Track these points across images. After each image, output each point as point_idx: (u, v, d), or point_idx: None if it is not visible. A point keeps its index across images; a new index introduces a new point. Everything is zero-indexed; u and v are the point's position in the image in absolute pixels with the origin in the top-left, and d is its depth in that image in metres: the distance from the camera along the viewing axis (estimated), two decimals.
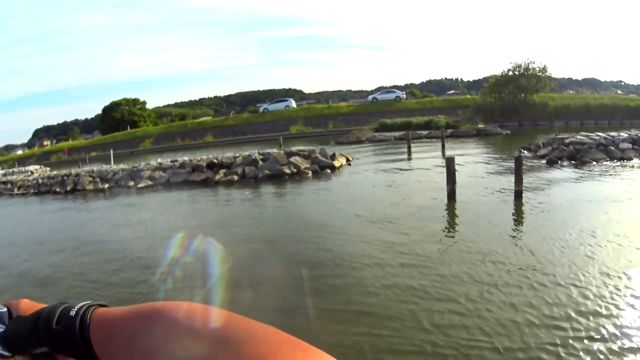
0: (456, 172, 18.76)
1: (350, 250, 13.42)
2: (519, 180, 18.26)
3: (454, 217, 16.75)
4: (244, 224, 18.31)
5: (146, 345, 0.86)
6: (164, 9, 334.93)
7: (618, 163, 26.28)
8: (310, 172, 28.77)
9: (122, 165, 35.65)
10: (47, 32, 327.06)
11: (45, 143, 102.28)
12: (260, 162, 29.65)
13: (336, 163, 30.65)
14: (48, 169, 50.34)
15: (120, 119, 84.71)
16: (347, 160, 33.83)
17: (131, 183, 31.01)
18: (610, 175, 23.33)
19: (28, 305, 1.07)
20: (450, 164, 18.47)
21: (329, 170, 29.38)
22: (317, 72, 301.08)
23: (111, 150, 45.57)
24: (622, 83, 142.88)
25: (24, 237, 19.29)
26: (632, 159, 26.93)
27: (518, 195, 18.21)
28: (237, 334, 0.77)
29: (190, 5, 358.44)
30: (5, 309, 1.06)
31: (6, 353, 1.01)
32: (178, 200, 25.31)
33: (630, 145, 28.41)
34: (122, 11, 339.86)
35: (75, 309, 0.98)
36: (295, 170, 28.62)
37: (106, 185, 31.91)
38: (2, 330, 1.03)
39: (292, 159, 29.44)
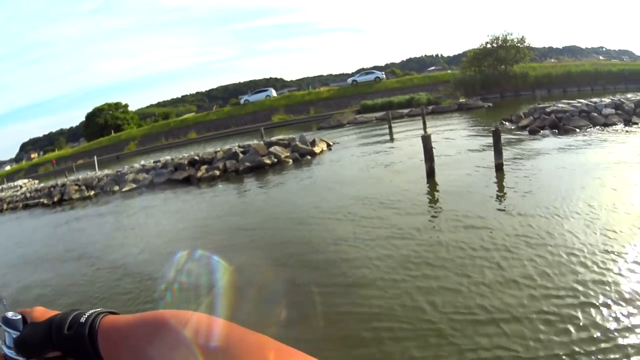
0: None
1: (334, 229, 13.93)
2: (498, 153, 18.23)
3: (435, 195, 16.76)
4: (229, 217, 18.46)
5: (150, 353, 0.93)
6: (139, 11, 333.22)
7: (602, 129, 26.18)
8: (290, 160, 28.90)
9: (106, 171, 35.60)
10: (25, 46, 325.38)
11: (32, 156, 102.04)
12: (241, 155, 29.70)
13: (316, 149, 30.75)
14: (36, 181, 50.32)
15: (104, 125, 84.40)
16: (328, 145, 33.86)
17: (116, 188, 31.10)
18: (594, 141, 23.28)
19: (41, 313, 1.16)
20: (426, 142, 18.32)
21: (309, 157, 29.50)
22: (296, 60, 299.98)
23: (95, 157, 45.64)
24: (603, 49, 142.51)
25: (13, 255, 19.25)
26: (615, 124, 26.77)
27: (499, 168, 18.18)
28: (241, 348, 0.84)
29: (165, 6, 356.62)
30: (20, 316, 1.16)
31: (20, 358, 1.12)
32: (163, 200, 25.29)
33: (613, 111, 28.21)
34: (97, 18, 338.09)
35: (86, 316, 1.07)
36: (275, 160, 28.72)
37: (92, 193, 31.97)
38: (16, 335, 1.13)
39: (272, 149, 29.51)
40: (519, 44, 65.60)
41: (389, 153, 27.09)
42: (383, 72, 79.40)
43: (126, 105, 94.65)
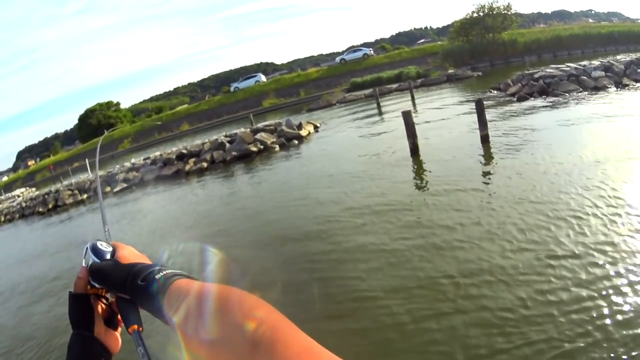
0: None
1: (324, 208, 14.21)
2: (483, 125, 17.92)
3: (419, 171, 16.50)
4: (220, 208, 18.61)
5: (201, 325, 0.95)
6: (123, 7, 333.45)
7: (592, 92, 25.84)
8: (277, 146, 28.92)
9: (99, 173, 35.35)
10: (12, 54, 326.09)
11: (30, 163, 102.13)
12: (228, 145, 29.77)
13: (303, 132, 30.78)
14: (34, 189, 50.46)
15: (97, 125, 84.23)
16: (315, 127, 33.92)
17: (108, 189, 31.09)
18: (583, 105, 22.98)
19: (128, 254, 1.24)
20: (407, 118, 18.15)
21: (296, 141, 29.51)
22: (286, 42, 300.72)
23: (87, 160, 45.49)
24: (592, 12, 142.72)
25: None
26: (606, 87, 26.34)
27: (485, 139, 17.91)
28: (285, 350, 0.81)
29: (150, 0, 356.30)
30: (110, 250, 1.27)
31: (96, 285, 1.21)
32: (151, 198, 25.50)
33: (603, 73, 27.76)
34: (81, 19, 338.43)
35: (161, 274, 1.10)
36: (262, 147, 28.75)
37: (85, 196, 32.18)
38: (97, 262, 1.23)
39: (258, 136, 29.55)
40: (505, 11, 65.22)
41: (376, 131, 26.99)
42: (371, 49, 79.17)
43: (118, 104, 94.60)
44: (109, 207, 26.55)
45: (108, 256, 1.24)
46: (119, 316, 1.18)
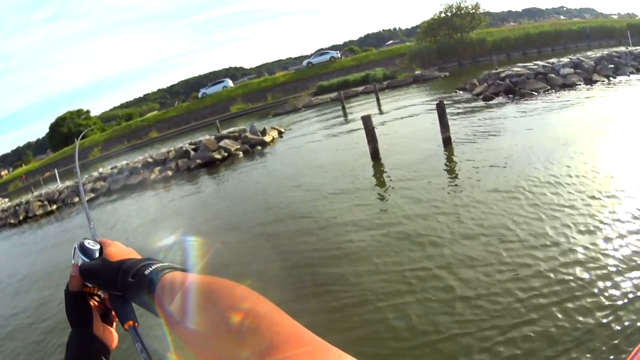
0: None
1: (280, 208, 15.23)
2: (444, 127, 17.99)
3: (380, 176, 16.75)
4: (178, 217, 18.97)
5: (189, 317, 0.94)
6: (94, 14, 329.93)
7: (560, 90, 26.05)
8: (241, 152, 29.29)
9: (67, 183, 35.77)
10: None
11: (2, 173, 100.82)
12: (192, 153, 30.08)
13: (267, 138, 31.11)
14: (7, 200, 49.97)
15: (67, 133, 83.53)
16: (280, 133, 34.24)
17: (76, 199, 31.21)
18: (550, 103, 23.24)
19: (117, 251, 1.24)
20: (367, 123, 18.31)
21: (259, 147, 29.88)
22: (255, 46, 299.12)
23: (55, 170, 45.47)
24: (564, 8, 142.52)
25: None
26: (575, 85, 26.50)
27: (447, 142, 18.00)
28: (274, 339, 0.80)
29: (118, 6, 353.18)
30: (98, 247, 1.27)
31: (89, 284, 1.23)
32: (115, 208, 25.64)
33: (572, 70, 27.93)
34: (53, 26, 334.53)
35: (151, 269, 1.09)
36: (226, 154, 29.08)
37: (54, 207, 32.04)
38: (86, 261, 1.23)
39: (222, 143, 29.88)
40: (473, 11, 65.46)
41: (339, 135, 27.43)
42: (338, 52, 79.35)
43: (88, 112, 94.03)
44: (75, 216, 26.95)
45: (96, 254, 1.26)
46: (114, 313, 1.21)
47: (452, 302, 7.56)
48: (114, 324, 1.29)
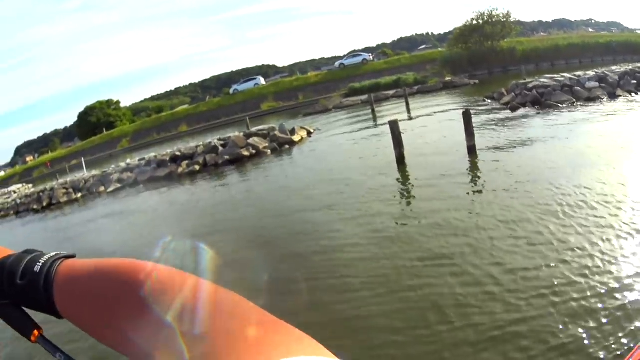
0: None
1: (305, 212, 14.85)
2: (470, 135, 17.92)
3: (405, 181, 16.74)
4: (202, 212, 18.92)
5: (107, 307, 0.86)
6: (125, 6, 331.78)
7: (585, 104, 25.72)
8: (269, 150, 29.17)
9: (93, 172, 35.79)
10: (11, 49, 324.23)
11: (28, 159, 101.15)
12: (221, 149, 30.01)
13: (295, 138, 31.00)
14: (30, 185, 50.17)
15: (96, 123, 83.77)
16: (309, 132, 34.12)
17: (102, 189, 31.27)
18: (574, 116, 22.98)
19: None
20: (394, 127, 18.17)
21: (287, 147, 29.79)
22: (288, 45, 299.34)
23: (82, 159, 45.63)
24: (593, 21, 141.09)
25: None
26: (600, 98, 26.11)
27: (471, 150, 17.92)
28: (216, 311, 0.75)
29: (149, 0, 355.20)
30: None
31: None
32: (142, 200, 25.65)
33: (597, 84, 27.48)
34: (82, 16, 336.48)
35: (40, 264, 0.95)
36: (254, 151, 29.03)
37: (79, 195, 32.12)
38: None
39: (251, 140, 29.86)
40: (504, 19, 64.92)
41: (367, 138, 27.15)
42: (370, 54, 78.69)
43: (118, 102, 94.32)
44: (100, 206, 27.04)
45: None
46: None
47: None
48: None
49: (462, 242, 10.07)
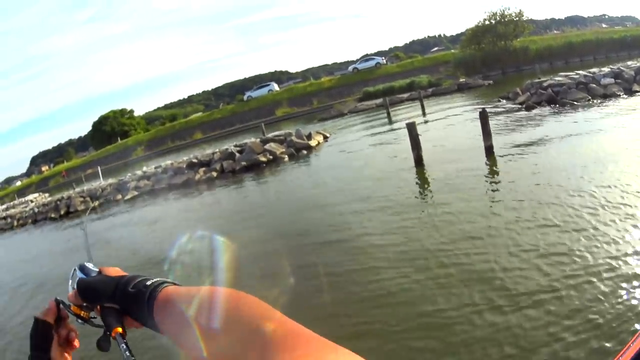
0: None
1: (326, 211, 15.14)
2: (487, 135, 17.84)
3: (423, 183, 16.57)
4: (221, 219, 18.81)
5: (193, 329, 0.94)
6: (135, 16, 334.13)
7: (601, 100, 25.60)
8: (286, 156, 29.13)
9: (110, 180, 35.91)
10: (26, 60, 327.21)
11: (43, 169, 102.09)
12: (237, 155, 30.00)
13: (312, 142, 31.02)
14: (47, 194, 50.46)
15: (111, 132, 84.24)
16: (325, 137, 34.14)
17: (119, 196, 31.41)
18: (591, 113, 22.92)
19: (116, 272, 1.26)
20: (412, 129, 18.11)
21: (305, 152, 29.76)
22: (300, 51, 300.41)
23: (99, 167, 45.77)
24: (606, 16, 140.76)
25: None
26: (616, 95, 25.98)
27: (489, 150, 17.84)
28: (280, 337, 0.80)
29: (161, 8, 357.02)
30: (97, 270, 1.29)
31: (82, 303, 1.22)
32: (163, 207, 25.60)
33: (612, 80, 27.34)
34: (94, 27, 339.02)
35: (151, 281, 1.13)
36: (271, 157, 28.97)
37: (96, 203, 32.01)
38: (84, 277, 1.27)
39: (268, 146, 29.84)
40: (517, 18, 64.86)
41: (384, 141, 27.10)
42: (383, 57, 79.20)
43: (132, 111, 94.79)
44: (117, 214, 26.92)
45: (93, 274, 1.28)
46: (104, 324, 1.18)
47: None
48: (74, 348, 1.26)
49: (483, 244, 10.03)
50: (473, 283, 8.49)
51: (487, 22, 66.24)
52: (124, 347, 1.08)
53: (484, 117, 17.61)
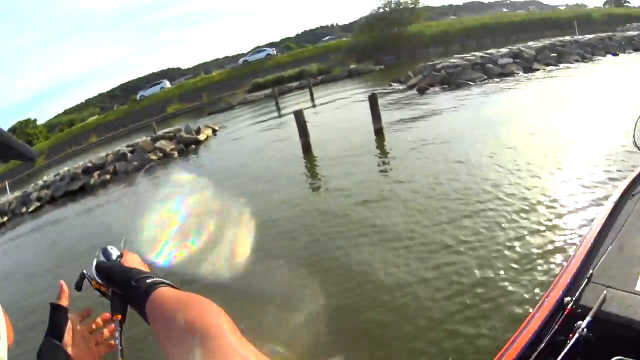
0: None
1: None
2: (376, 118, 18.78)
3: (312, 168, 17.56)
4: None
5: (171, 329, 1.03)
6: (31, 28, 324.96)
7: (498, 79, 26.67)
8: (176, 152, 30.07)
9: (16, 193, 35.19)
10: None
11: None
12: (130, 155, 30.55)
13: (201, 137, 32.12)
14: None
15: None
16: (214, 130, 35.17)
17: (24, 209, 30.73)
18: (486, 91, 24.36)
19: (133, 259, 1.45)
20: (299, 117, 18.60)
21: (194, 146, 30.80)
22: (192, 47, 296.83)
23: (6, 181, 45.48)
24: (508, 1, 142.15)
25: None
26: (514, 73, 27.16)
27: (378, 132, 18.78)
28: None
29: (59, 15, 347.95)
30: (118, 253, 1.50)
31: (100, 281, 1.42)
32: (61, 214, 25.56)
33: (511, 60, 28.67)
34: None
35: (152, 280, 1.27)
36: (161, 154, 29.83)
37: (5, 218, 31.14)
38: (104, 261, 1.46)
39: (158, 144, 30.61)
40: (412, 5, 65.81)
41: (272, 130, 28.39)
42: (274, 49, 80.00)
43: (35, 120, 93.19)
44: (21, 229, 26.26)
45: (114, 257, 1.49)
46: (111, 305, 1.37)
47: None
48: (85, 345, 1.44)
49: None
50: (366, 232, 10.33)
51: (381, 10, 67.11)
52: (118, 334, 1.30)
53: (373, 101, 18.69)
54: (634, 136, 5.23)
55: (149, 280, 1.28)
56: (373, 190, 12.93)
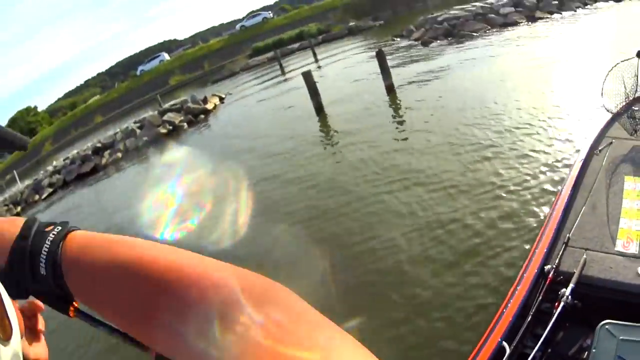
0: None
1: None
2: (386, 74, 18.24)
3: (327, 128, 17.48)
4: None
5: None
6: (24, 16, 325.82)
7: (501, 29, 26.06)
8: (185, 124, 29.77)
9: (26, 182, 35.08)
10: None
11: None
12: (138, 131, 30.33)
13: (209, 106, 31.76)
14: None
15: (21, 134, 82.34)
16: (221, 99, 34.73)
17: (36, 197, 30.85)
18: (490, 42, 23.77)
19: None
20: (308, 78, 18.37)
21: (203, 116, 30.41)
22: (186, 17, 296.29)
23: (14, 171, 45.13)
24: None
25: None
26: (517, 23, 26.29)
27: (390, 89, 18.29)
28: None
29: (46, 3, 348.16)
30: None
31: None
32: (73, 204, 24.92)
33: (512, 9, 27.65)
34: None
35: (47, 245, 0.73)
36: (171, 127, 29.55)
37: (19, 208, 31.20)
38: None
39: (166, 117, 30.31)
40: None
41: (280, 93, 27.94)
42: (270, 12, 78.63)
43: (35, 108, 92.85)
44: (40, 216, 26.22)
45: None
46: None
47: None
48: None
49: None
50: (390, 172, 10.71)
51: None
52: (94, 321, 0.78)
53: (381, 57, 18.14)
54: (601, 94, 5.82)
55: (45, 247, 0.72)
56: (393, 142, 13.17)
